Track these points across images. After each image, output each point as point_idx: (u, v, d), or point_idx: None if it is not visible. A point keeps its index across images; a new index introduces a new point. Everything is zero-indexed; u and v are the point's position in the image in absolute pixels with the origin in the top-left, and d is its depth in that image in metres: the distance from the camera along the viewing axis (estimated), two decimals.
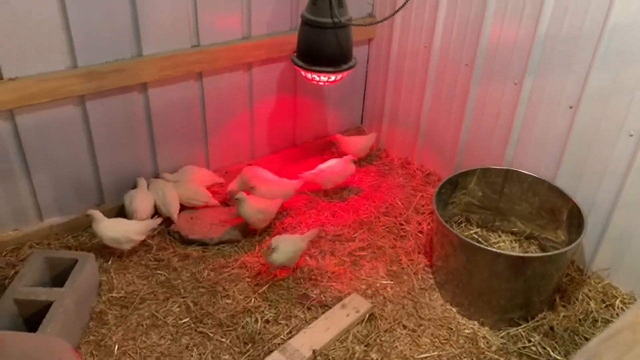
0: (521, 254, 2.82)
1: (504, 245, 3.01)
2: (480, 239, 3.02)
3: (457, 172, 2.98)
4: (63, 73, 2.63)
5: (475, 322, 2.61)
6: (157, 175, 3.17)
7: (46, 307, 2.27)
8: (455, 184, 2.95)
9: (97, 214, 2.73)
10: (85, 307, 2.52)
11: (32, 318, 2.30)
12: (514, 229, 3.05)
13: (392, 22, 3.47)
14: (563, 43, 2.65)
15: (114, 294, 2.65)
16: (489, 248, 2.50)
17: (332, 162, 3.43)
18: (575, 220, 2.66)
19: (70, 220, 2.96)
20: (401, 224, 3.19)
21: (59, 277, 2.51)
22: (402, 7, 2.76)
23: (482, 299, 2.56)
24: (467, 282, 2.58)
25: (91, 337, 2.44)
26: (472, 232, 3.09)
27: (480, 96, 3.12)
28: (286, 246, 2.69)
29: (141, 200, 2.93)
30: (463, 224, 3.10)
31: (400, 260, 2.94)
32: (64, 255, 2.62)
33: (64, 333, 2.25)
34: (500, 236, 3.07)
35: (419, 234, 3.12)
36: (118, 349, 2.39)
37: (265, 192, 3.14)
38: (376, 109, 3.86)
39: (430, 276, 2.86)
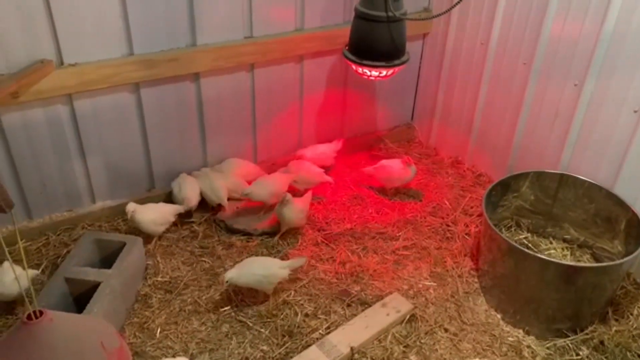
0: (573, 263, 2.70)
1: (555, 252, 2.89)
2: (530, 245, 2.92)
3: (509, 174, 2.88)
4: (120, 60, 2.70)
5: (520, 331, 2.52)
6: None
7: (94, 287, 2.35)
8: (506, 186, 2.85)
9: (132, 204, 2.80)
10: (131, 290, 2.59)
11: (80, 297, 2.39)
12: (567, 236, 2.92)
13: (448, 18, 3.38)
14: (631, 41, 2.50)
15: (159, 278, 2.71)
16: (539, 255, 2.40)
17: (394, 162, 3.32)
18: (634, 231, 2.52)
19: (122, 204, 3.03)
20: (448, 225, 3.12)
21: (107, 258, 2.59)
22: (460, 1, 2.68)
23: (529, 307, 2.47)
24: (514, 288, 2.49)
25: (135, 319, 2.50)
26: (521, 237, 2.98)
27: (537, 96, 3.00)
28: (252, 269, 2.51)
29: (190, 188, 2.99)
30: (513, 228, 3.00)
31: (445, 262, 2.88)
32: (113, 237, 2.70)
33: (110, 313, 2.33)
34: (551, 243, 2.95)
35: (466, 236, 3.04)
36: (160, 332, 2.44)
37: (297, 179, 3.19)
38: (427, 106, 3.78)
39: (476, 280, 2.78)
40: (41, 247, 2.82)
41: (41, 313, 1.44)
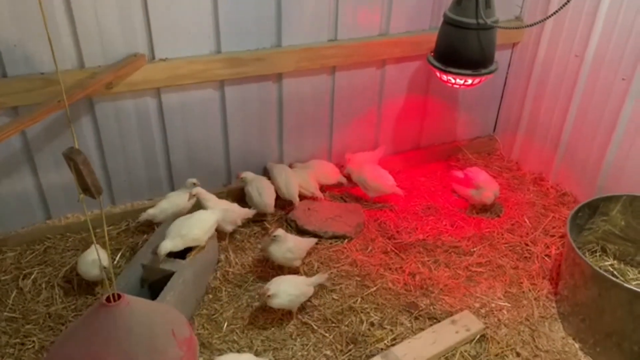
0: None
1: None
2: (616, 273, 2.72)
3: (598, 195, 2.70)
4: (208, 57, 2.78)
5: None
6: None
7: (168, 276, 2.42)
8: (594, 208, 2.68)
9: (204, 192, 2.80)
10: (203, 281, 2.65)
11: (154, 284, 2.47)
12: None
13: (541, 28, 3.23)
14: None
15: (230, 273, 2.76)
16: (628, 285, 2.23)
17: (484, 174, 3.20)
18: None
19: None
20: (527, 245, 2.97)
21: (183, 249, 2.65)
22: (555, 12, 2.54)
23: (611, 340, 2.30)
24: (596, 318, 2.33)
25: (204, 311, 2.55)
26: (607, 263, 2.78)
27: (635, 114, 2.80)
28: (287, 289, 2.42)
29: (270, 195, 3.01)
30: (598, 254, 2.81)
31: (521, 282, 2.74)
32: None
33: (181, 302, 2.39)
34: None
35: (546, 258, 2.88)
36: (227, 326, 2.48)
37: (356, 177, 3.18)
38: (512, 118, 3.63)
39: (554, 305, 2.63)
40: (121, 233, 2.95)
41: (119, 296, 1.48)
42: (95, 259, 2.45)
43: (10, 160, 2.68)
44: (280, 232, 2.63)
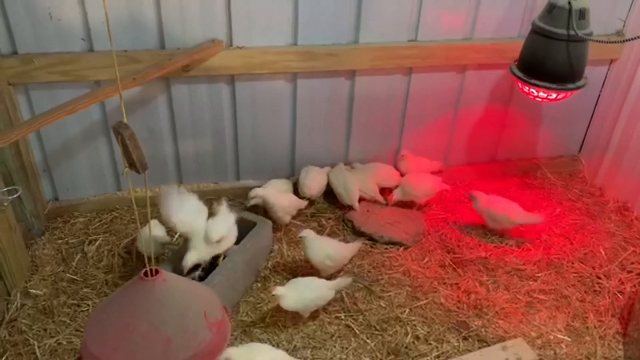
0: None
1: None
2: None
3: None
4: (283, 49, 2.79)
5: None
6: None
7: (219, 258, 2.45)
8: None
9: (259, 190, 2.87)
10: (253, 269, 2.66)
11: (206, 265, 2.50)
12: None
13: None
14: None
15: (280, 264, 2.75)
16: None
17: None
18: None
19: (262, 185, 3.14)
20: (598, 277, 2.73)
21: (238, 234, 2.67)
22: None
23: None
24: None
25: (250, 298, 2.57)
26: None
27: None
28: (302, 292, 2.35)
29: (313, 178, 3.02)
30: None
31: (586, 317, 2.53)
32: (246, 216, 2.78)
33: (228, 287, 2.41)
34: None
35: (618, 295, 2.64)
36: (270, 317, 2.47)
37: (402, 193, 3.08)
38: (601, 140, 3.36)
39: (620, 347, 2.40)
40: None
41: (157, 272, 1.51)
42: (152, 236, 2.53)
43: (90, 131, 2.83)
44: (306, 233, 2.57)
